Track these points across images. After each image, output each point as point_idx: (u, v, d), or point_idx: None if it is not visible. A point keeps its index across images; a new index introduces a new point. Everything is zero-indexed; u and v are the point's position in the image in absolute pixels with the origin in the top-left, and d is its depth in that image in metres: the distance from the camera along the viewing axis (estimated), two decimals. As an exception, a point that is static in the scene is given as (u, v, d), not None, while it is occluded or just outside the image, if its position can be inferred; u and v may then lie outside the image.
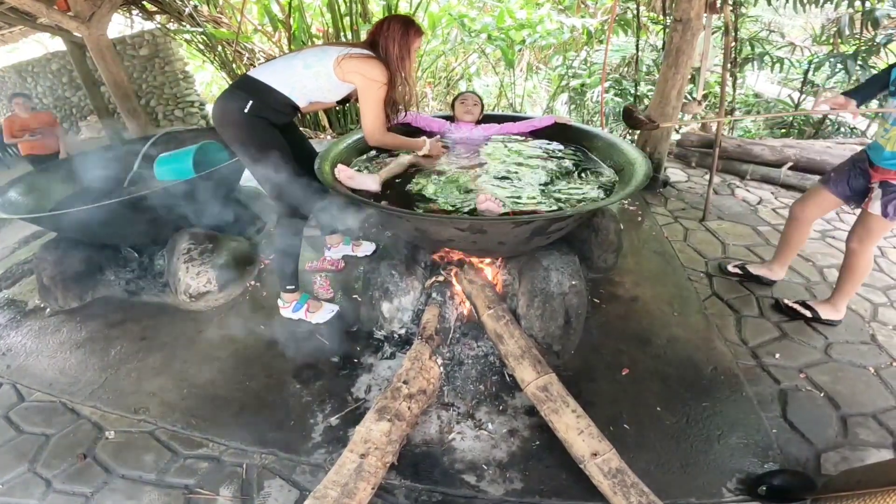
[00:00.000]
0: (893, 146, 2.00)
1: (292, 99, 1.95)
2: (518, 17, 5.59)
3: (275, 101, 1.94)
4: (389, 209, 1.78)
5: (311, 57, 1.93)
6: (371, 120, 1.99)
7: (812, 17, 6.18)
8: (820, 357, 2.15)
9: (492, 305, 1.98)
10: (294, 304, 2.34)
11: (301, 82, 1.93)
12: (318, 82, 1.94)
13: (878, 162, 2.09)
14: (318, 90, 1.97)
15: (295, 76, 1.92)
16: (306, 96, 1.98)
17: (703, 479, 1.63)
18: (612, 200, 1.76)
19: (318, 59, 1.91)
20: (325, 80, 1.93)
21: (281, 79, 1.92)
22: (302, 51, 1.98)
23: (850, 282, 2.26)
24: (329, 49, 1.94)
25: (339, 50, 1.92)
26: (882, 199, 2.04)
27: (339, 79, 1.92)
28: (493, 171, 2.19)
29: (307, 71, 1.91)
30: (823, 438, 1.79)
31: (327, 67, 1.90)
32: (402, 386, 1.71)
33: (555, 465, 1.65)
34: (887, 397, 1.96)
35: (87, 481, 1.68)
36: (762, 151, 3.99)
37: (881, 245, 3.04)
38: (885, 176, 2.05)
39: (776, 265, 2.62)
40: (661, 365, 2.08)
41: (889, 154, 2.02)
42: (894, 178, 2.02)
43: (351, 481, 1.41)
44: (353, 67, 1.89)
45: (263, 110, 1.92)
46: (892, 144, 2.01)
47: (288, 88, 1.92)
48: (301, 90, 1.95)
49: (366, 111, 1.98)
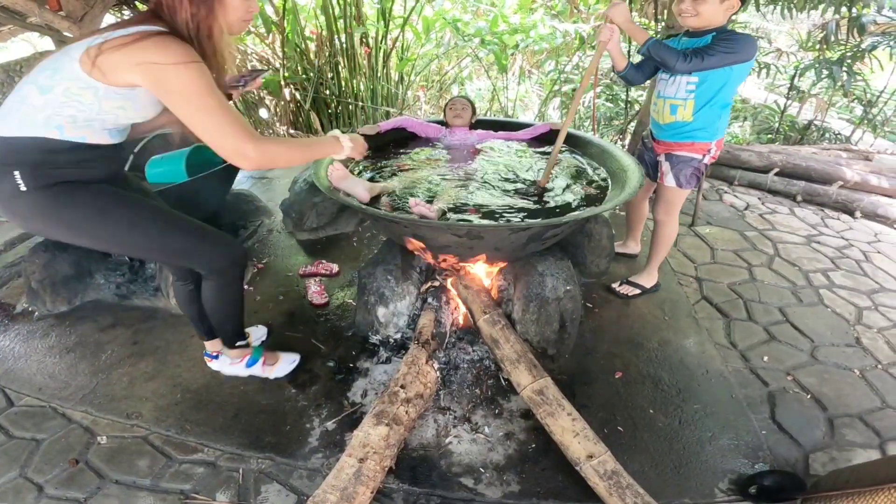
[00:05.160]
0: (663, 118, 2.12)
1: (69, 139, 1.26)
2: (511, 21, 5.64)
3: (48, 154, 1.26)
4: (387, 216, 1.79)
5: (43, 76, 1.21)
6: (216, 127, 1.21)
7: (799, 23, 6.30)
8: (806, 359, 2.20)
9: (487, 310, 2.00)
10: (246, 359, 1.98)
11: (53, 112, 1.22)
12: (80, 105, 1.22)
13: (657, 136, 2.23)
14: (96, 113, 1.25)
15: (38, 109, 1.21)
16: (89, 126, 1.28)
17: (695, 480, 1.66)
18: (607, 207, 1.79)
19: (53, 74, 1.20)
20: (91, 97, 1.21)
21: (24, 120, 1.23)
22: (32, 69, 1.25)
23: (662, 249, 2.45)
24: (70, 49, 1.21)
25: (88, 42, 1.19)
26: (672, 171, 2.17)
27: (109, 86, 1.21)
28: (484, 177, 2.21)
29: (48, 97, 1.20)
30: (811, 439, 1.83)
31: (76, 78, 1.19)
32: (400, 390, 1.72)
33: (551, 468, 1.67)
34: (873, 399, 2.01)
35: (81, 487, 1.65)
36: (749, 157, 4.07)
37: (865, 250, 3.12)
38: (667, 148, 2.18)
39: (631, 241, 2.92)
40: (653, 368, 2.11)
41: (664, 126, 2.15)
42: (675, 148, 2.14)
43: (350, 486, 1.41)
44: (125, 59, 1.16)
45: (50, 171, 1.28)
46: (661, 117, 2.14)
47: (43, 128, 1.23)
48: (66, 121, 1.24)
49: (198, 119, 1.21)
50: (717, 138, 2.10)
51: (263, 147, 1.26)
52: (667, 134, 2.16)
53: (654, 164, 2.30)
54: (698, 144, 2.10)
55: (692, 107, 2.02)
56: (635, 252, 2.91)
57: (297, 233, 3.14)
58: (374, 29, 5.40)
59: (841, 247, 3.16)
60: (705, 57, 1.84)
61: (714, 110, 2.02)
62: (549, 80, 6.57)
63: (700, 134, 2.07)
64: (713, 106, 2.00)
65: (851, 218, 3.60)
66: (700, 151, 2.11)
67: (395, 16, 5.47)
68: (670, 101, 2.07)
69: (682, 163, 2.14)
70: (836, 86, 4.60)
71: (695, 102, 2.01)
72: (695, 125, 2.06)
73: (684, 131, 2.09)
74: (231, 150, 1.24)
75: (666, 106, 2.10)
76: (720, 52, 1.84)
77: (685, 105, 2.03)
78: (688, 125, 2.07)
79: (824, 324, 2.42)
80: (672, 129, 2.13)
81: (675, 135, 2.13)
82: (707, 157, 2.12)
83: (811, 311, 2.52)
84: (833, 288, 2.72)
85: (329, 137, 1.56)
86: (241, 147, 1.23)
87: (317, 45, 5.48)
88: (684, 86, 2.01)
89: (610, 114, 5.73)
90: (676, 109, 2.06)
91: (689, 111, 2.03)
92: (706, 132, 2.07)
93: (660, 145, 2.23)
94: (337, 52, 5.28)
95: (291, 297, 2.58)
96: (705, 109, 2.01)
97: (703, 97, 1.99)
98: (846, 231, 3.39)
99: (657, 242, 2.44)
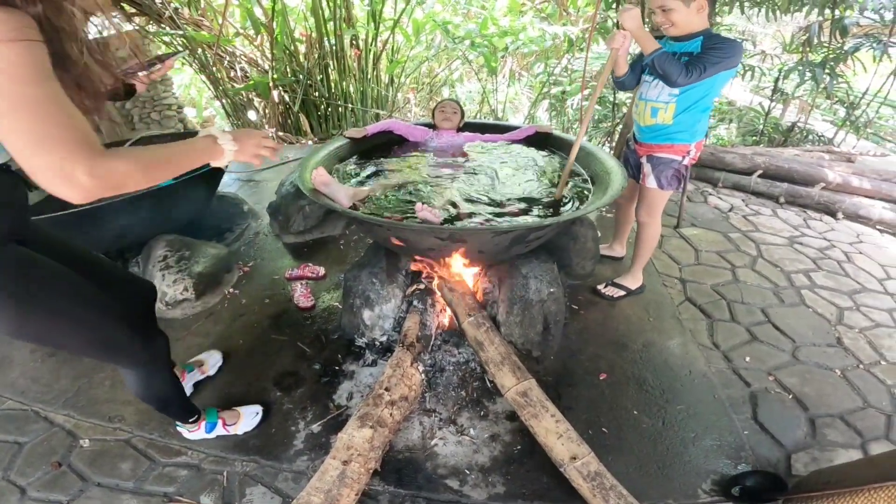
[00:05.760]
0: (644, 120, 2.17)
1: None
2: (501, 24, 5.66)
3: None
4: (371, 219, 1.79)
5: None
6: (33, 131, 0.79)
7: (783, 25, 6.39)
8: (788, 360, 2.23)
9: (472, 313, 2.00)
10: (204, 425, 1.77)
11: None
12: None
13: (639, 138, 2.28)
14: None
15: None
16: None
17: (679, 481, 1.68)
18: (590, 209, 1.80)
19: None
20: None
21: None
22: None
23: (646, 250, 2.48)
24: None
25: None
26: (653, 172, 2.21)
27: None
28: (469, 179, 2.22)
29: None
30: (793, 439, 1.85)
31: None
32: (384, 393, 1.72)
33: (536, 469, 1.68)
34: (854, 398, 2.04)
35: (63, 489, 1.65)
36: (733, 159, 4.12)
37: (847, 250, 3.17)
38: (648, 150, 2.22)
39: (616, 245, 2.93)
40: (637, 369, 2.13)
41: (645, 128, 2.20)
42: (656, 150, 2.19)
43: (334, 488, 1.41)
44: None
45: None
46: (643, 119, 2.18)
47: None
48: None
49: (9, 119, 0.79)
50: (696, 140, 2.13)
51: (105, 167, 0.82)
52: (648, 136, 2.20)
53: (637, 165, 2.33)
54: (678, 146, 2.13)
55: (673, 110, 2.05)
56: (621, 255, 2.94)
57: (284, 236, 3.13)
58: (364, 31, 5.41)
59: (823, 248, 3.20)
60: (704, 69, 1.85)
61: (694, 114, 2.05)
62: (538, 82, 6.61)
63: (679, 136, 2.11)
64: (694, 110, 2.04)
65: (833, 219, 3.65)
66: (680, 153, 2.14)
67: (385, 18, 5.47)
68: (652, 103, 2.11)
69: (663, 164, 2.17)
70: (818, 88, 4.66)
71: (676, 106, 2.04)
72: (674, 128, 2.09)
73: (664, 134, 2.13)
74: (49, 169, 0.79)
75: (647, 108, 2.13)
76: (714, 60, 1.85)
77: (666, 108, 2.06)
78: (668, 128, 2.10)
79: (806, 324, 2.46)
80: (652, 131, 2.16)
81: (655, 137, 2.17)
82: (687, 159, 2.16)
83: (793, 311, 2.55)
84: (815, 288, 2.75)
85: (204, 139, 1.09)
86: (68, 167, 0.79)
87: (306, 47, 5.47)
88: (667, 90, 2.04)
89: (598, 116, 5.77)
90: (657, 112, 2.10)
91: (670, 114, 2.06)
92: (685, 134, 2.10)
93: (641, 147, 2.27)
94: (326, 54, 5.28)
95: (278, 300, 2.57)
96: (686, 113, 2.05)
97: (685, 102, 2.02)
98: (828, 232, 3.44)
99: (640, 244, 2.47)
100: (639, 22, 1.92)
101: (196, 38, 5.26)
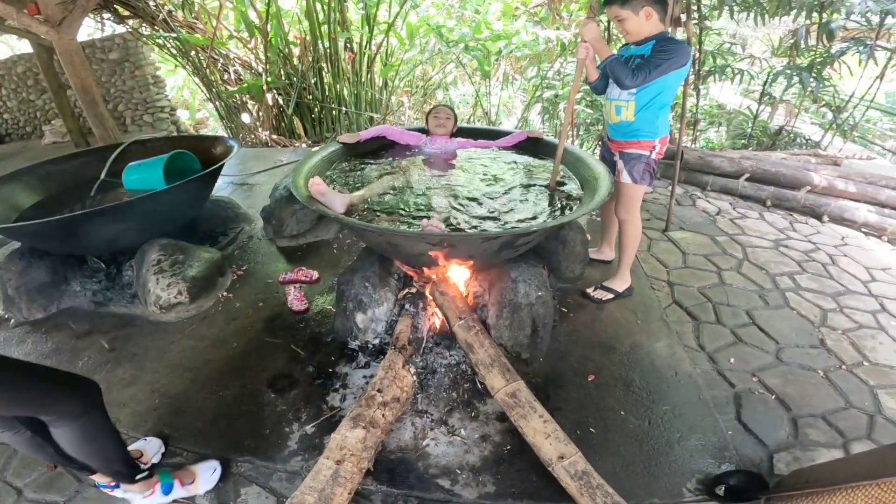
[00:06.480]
0: (611, 118, 2.31)
1: None
2: (495, 28, 5.71)
3: None
4: (362, 225, 1.83)
5: None
6: None
7: (773, 29, 6.48)
8: (771, 361, 2.27)
9: (462, 316, 2.04)
10: (157, 488, 1.59)
11: None
12: None
13: (610, 135, 2.41)
14: None
15: None
16: None
17: (664, 481, 1.71)
18: (577, 215, 1.85)
19: None
20: None
21: None
22: None
23: (629, 250, 2.55)
24: None
25: None
26: (626, 168, 2.33)
27: None
28: (460, 186, 2.26)
29: None
30: (776, 439, 1.88)
31: None
32: (377, 394, 1.75)
33: (525, 469, 1.71)
34: (836, 399, 2.07)
35: (60, 490, 1.67)
36: (721, 163, 4.18)
37: (831, 253, 3.22)
38: (619, 146, 2.36)
39: (605, 247, 2.99)
40: (625, 371, 2.17)
41: (612, 126, 2.35)
42: (626, 146, 2.32)
43: (328, 487, 1.44)
44: None
45: None
46: (610, 117, 2.33)
47: None
48: None
49: None
50: (659, 136, 2.27)
51: None
52: (616, 133, 2.35)
53: (612, 163, 2.41)
54: (644, 142, 2.27)
55: (633, 108, 2.20)
56: (610, 258, 2.98)
57: (278, 239, 3.15)
58: (359, 34, 5.44)
59: (808, 250, 3.25)
60: (650, 71, 2.02)
61: (653, 111, 2.20)
62: (531, 85, 6.66)
63: (642, 133, 2.25)
64: (652, 107, 2.19)
65: (819, 222, 3.71)
66: (646, 148, 2.28)
67: (379, 21, 5.51)
68: (615, 102, 2.26)
69: (633, 160, 2.31)
70: (805, 91, 4.73)
71: (635, 104, 2.19)
72: (636, 125, 2.24)
73: (629, 130, 2.28)
74: None
75: (612, 107, 2.28)
76: (658, 63, 2.02)
77: (627, 106, 2.22)
78: (631, 125, 2.26)
79: (789, 326, 2.50)
80: (619, 128, 2.31)
81: (623, 134, 2.31)
82: (654, 154, 2.29)
83: (777, 313, 2.60)
84: (799, 291, 2.81)
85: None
86: None
87: (300, 50, 5.49)
88: None
89: (590, 120, 5.82)
90: (620, 110, 2.25)
91: (632, 112, 2.22)
92: (647, 131, 2.25)
93: (613, 144, 2.41)
94: (321, 58, 5.31)
95: (271, 304, 2.60)
96: (645, 110, 2.20)
97: (643, 100, 2.18)
98: (813, 235, 3.50)
99: (623, 243, 2.54)
100: (596, 34, 2.09)
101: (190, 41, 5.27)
